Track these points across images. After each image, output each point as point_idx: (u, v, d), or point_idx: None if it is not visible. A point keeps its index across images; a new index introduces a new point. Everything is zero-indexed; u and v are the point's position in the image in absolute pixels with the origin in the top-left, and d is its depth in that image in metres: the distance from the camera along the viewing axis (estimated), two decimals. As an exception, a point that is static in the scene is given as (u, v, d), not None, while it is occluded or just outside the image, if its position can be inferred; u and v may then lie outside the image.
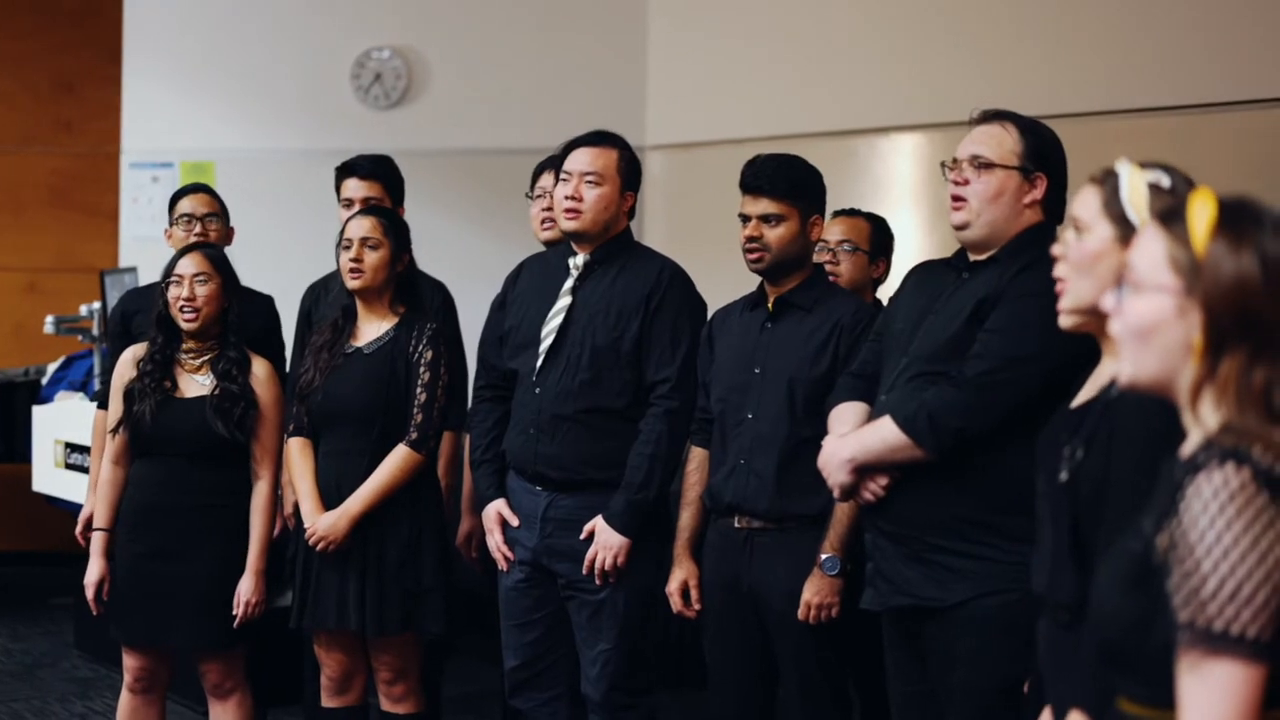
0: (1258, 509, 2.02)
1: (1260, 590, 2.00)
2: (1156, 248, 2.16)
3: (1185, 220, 2.14)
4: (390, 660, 4.78)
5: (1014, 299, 3.63)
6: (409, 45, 7.72)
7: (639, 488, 4.50)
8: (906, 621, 3.79)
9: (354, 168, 5.34)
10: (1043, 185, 3.74)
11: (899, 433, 3.69)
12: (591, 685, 4.61)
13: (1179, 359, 2.13)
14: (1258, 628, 2.00)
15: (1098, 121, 5.94)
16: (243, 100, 7.73)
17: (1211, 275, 2.09)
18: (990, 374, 3.62)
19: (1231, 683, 2.01)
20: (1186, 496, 2.05)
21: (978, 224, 3.74)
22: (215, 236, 5.36)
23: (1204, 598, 2.01)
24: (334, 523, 4.66)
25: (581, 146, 4.64)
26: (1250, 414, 2.07)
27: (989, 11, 6.42)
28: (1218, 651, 2.01)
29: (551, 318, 4.61)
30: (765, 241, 4.31)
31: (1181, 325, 2.12)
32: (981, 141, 3.76)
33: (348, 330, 4.81)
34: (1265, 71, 5.48)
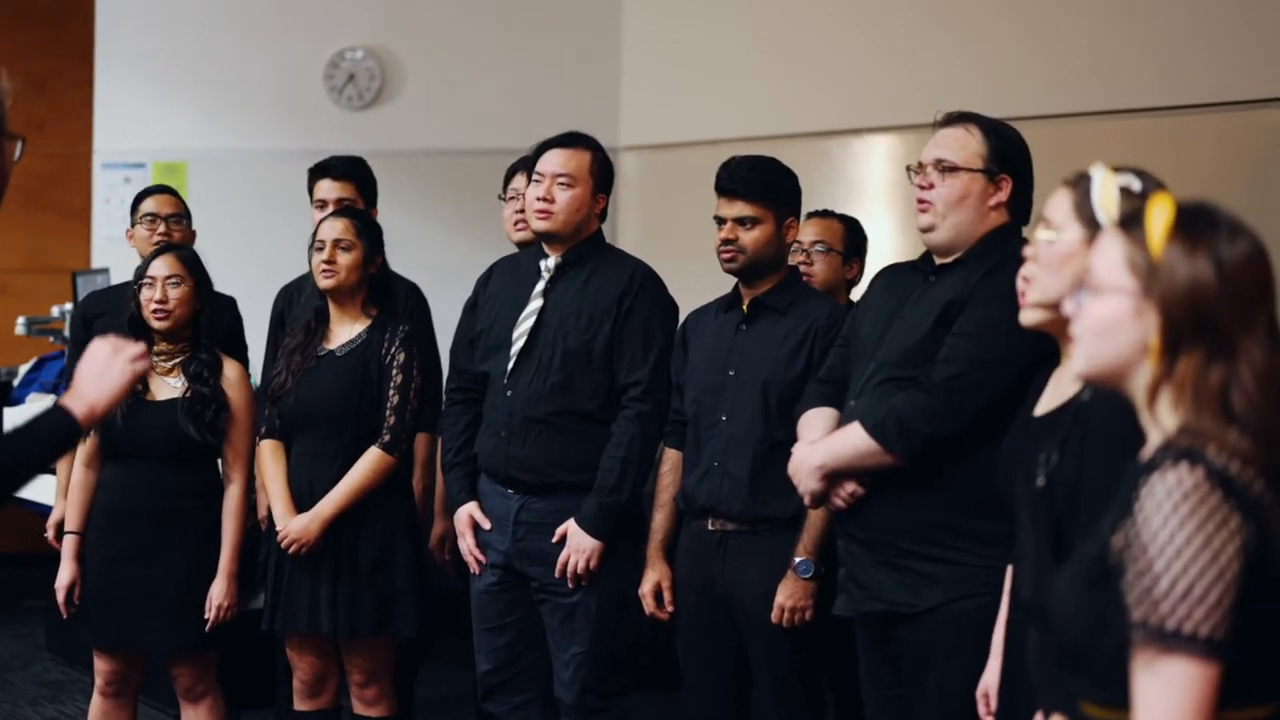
0: (1210, 508, 2.03)
1: (1212, 589, 2.01)
2: (1115, 251, 2.18)
3: (1143, 224, 2.16)
4: (363, 663, 4.77)
5: (980, 302, 3.63)
6: (382, 46, 7.70)
7: (611, 491, 4.49)
8: (879, 627, 3.79)
9: (327, 169, 5.32)
10: (1008, 187, 3.74)
11: (868, 439, 3.68)
12: (564, 688, 4.60)
13: (1135, 359, 2.15)
14: (1210, 626, 2.01)
15: (1073, 123, 5.95)
16: (216, 101, 7.70)
17: (1167, 278, 2.11)
18: (958, 378, 3.62)
19: (1185, 681, 2.02)
20: (1141, 497, 2.07)
21: (943, 227, 3.74)
22: (179, 237, 5.35)
23: (1156, 597, 2.02)
24: (306, 525, 4.65)
25: (554, 148, 4.64)
26: (1206, 414, 2.09)
27: (964, 13, 6.43)
28: (1171, 650, 2.02)
29: (523, 320, 4.61)
30: (741, 244, 4.31)
31: (1138, 326, 2.14)
32: (945, 145, 3.75)
33: (320, 332, 4.80)
34: (1246, 73, 5.49)
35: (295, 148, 7.18)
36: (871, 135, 6.74)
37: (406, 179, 7.29)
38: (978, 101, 5.06)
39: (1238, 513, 2.04)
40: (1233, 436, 2.07)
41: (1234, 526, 2.04)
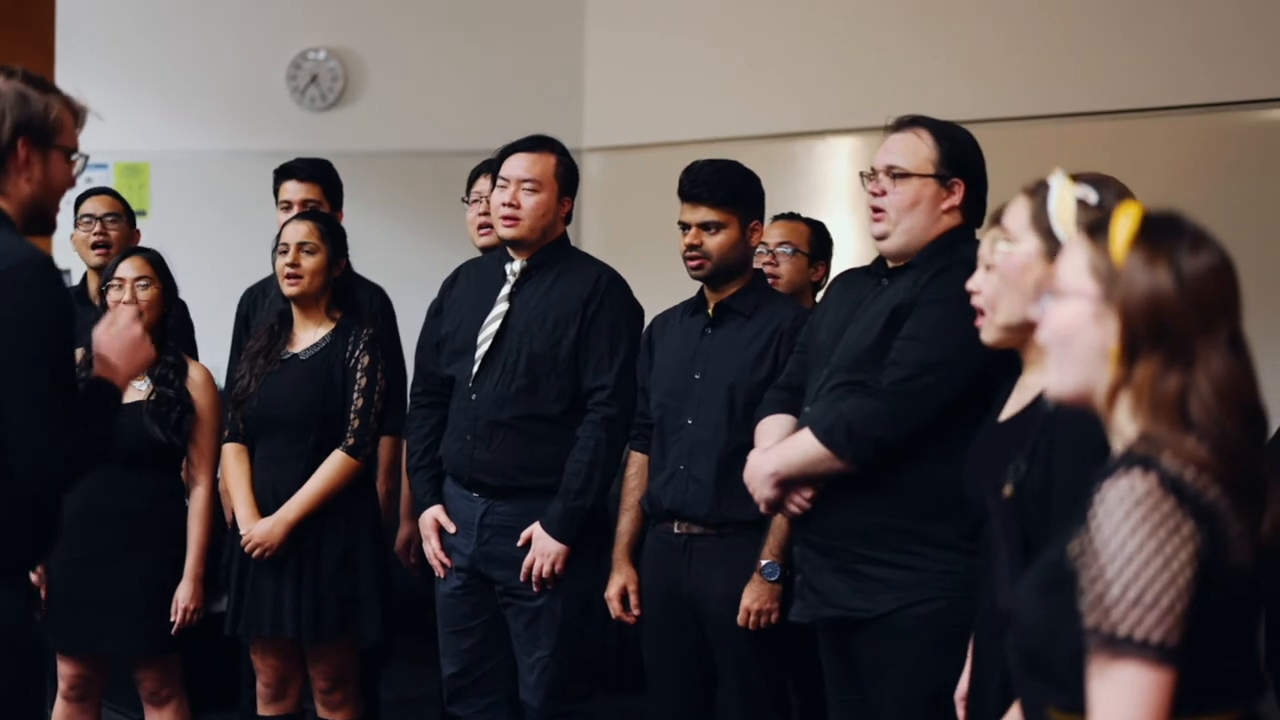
0: (1163, 514, 2.05)
1: (1163, 595, 2.03)
2: (1079, 256, 2.19)
3: (1108, 231, 2.17)
4: (327, 667, 4.77)
5: (928, 305, 3.63)
6: (345, 47, 7.68)
7: (576, 494, 4.49)
8: (837, 632, 3.80)
9: (292, 170, 5.32)
10: (960, 190, 3.74)
11: (818, 445, 3.68)
12: (529, 692, 4.60)
13: (1097, 365, 2.16)
14: (1162, 632, 2.03)
15: (1032, 126, 5.98)
16: (178, 101, 7.67)
17: (1127, 283, 2.13)
18: (906, 381, 3.62)
19: (1136, 686, 2.03)
20: (1094, 503, 2.08)
21: (896, 233, 3.74)
22: (115, 237, 5.37)
23: (1108, 603, 2.03)
24: (270, 529, 4.64)
25: (518, 152, 4.63)
26: (1163, 421, 2.10)
27: (929, 15, 6.45)
28: (1122, 655, 2.03)
29: (488, 324, 4.60)
30: (706, 249, 4.32)
31: (1099, 331, 2.15)
32: (896, 151, 3.75)
33: (284, 336, 4.79)
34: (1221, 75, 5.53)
35: (258, 148, 7.16)
36: (835, 137, 6.76)
37: (370, 180, 7.27)
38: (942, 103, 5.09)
39: (1190, 519, 2.05)
40: (1189, 443, 2.08)
41: (1186, 533, 2.05)
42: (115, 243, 5.34)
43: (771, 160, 6.55)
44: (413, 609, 5.13)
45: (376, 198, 7.39)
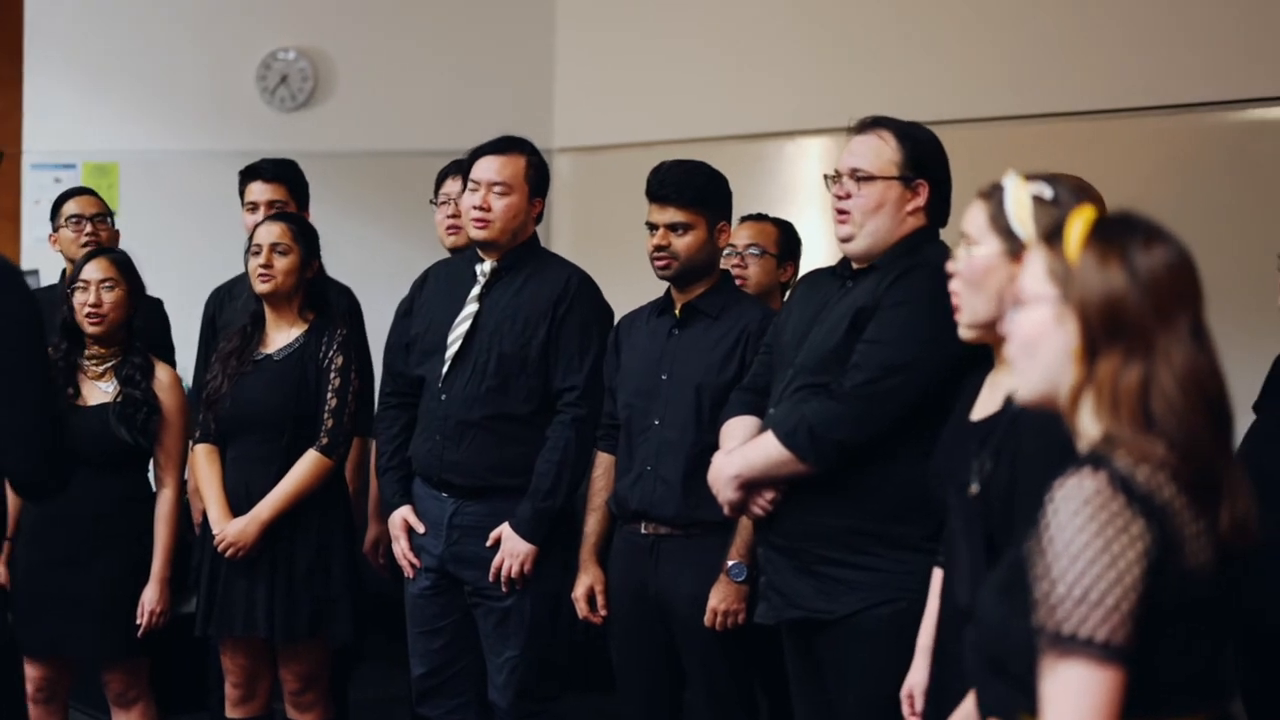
0: (1110, 513, 2.05)
1: (1109, 593, 2.03)
2: (1038, 263, 2.21)
3: (1063, 234, 2.19)
4: (298, 668, 4.76)
5: (890, 307, 3.63)
6: (315, 47, 7.66)
7: (546, 495, 4.49)
8: (801, 633, 3.80)
9: (258, 171, 5.31)
10: (924, 191, 3.74)
11: (781, 448, 3.68)
12: (499, 692, 4.60)
13: (1061, 367, 2.17)
14: (1108, 630, 2.03)
15: (1004, 127, 6.00)
16: (147, 101, 7.64)
17: (1081, 282, 2.14)
18: (869, 384, 3.62)
19: (1084, 684, 2.03)
20: (1045, 502, 2.09)
21: (861, 235, 3.74)
22: (105, 238, 5.35)
23: (1054, 601, 2.04)
24: (243, 529, 4.63)
25: (488, 154, 4.62)
26: (1124, 418, 2.11)
27: (897, 17, 6.46)
28: (1068, 654, 2.04)
29: (458, 324, 4.60)
30: (673, 250, 4.32)
31: (1060, 333, 2.16)
32: (860, 153, 3.75)
33: (257, 337, 4.78)
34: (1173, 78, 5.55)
35: (227, 149, 7.13)
36: (805, 138, 6.76)
37: (339, 180, 7.26)
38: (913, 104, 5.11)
39: (1140, 518, 2.06)
40: (1146, 441, 2.09)
41: (1135, 532, 2.05)
42: (105, 243, 5.31)
43: (742, 161, 6.56)
44: (382, 609, 5.13)
45: (347, 198, 7.38)
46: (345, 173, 7.46)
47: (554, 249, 7.21)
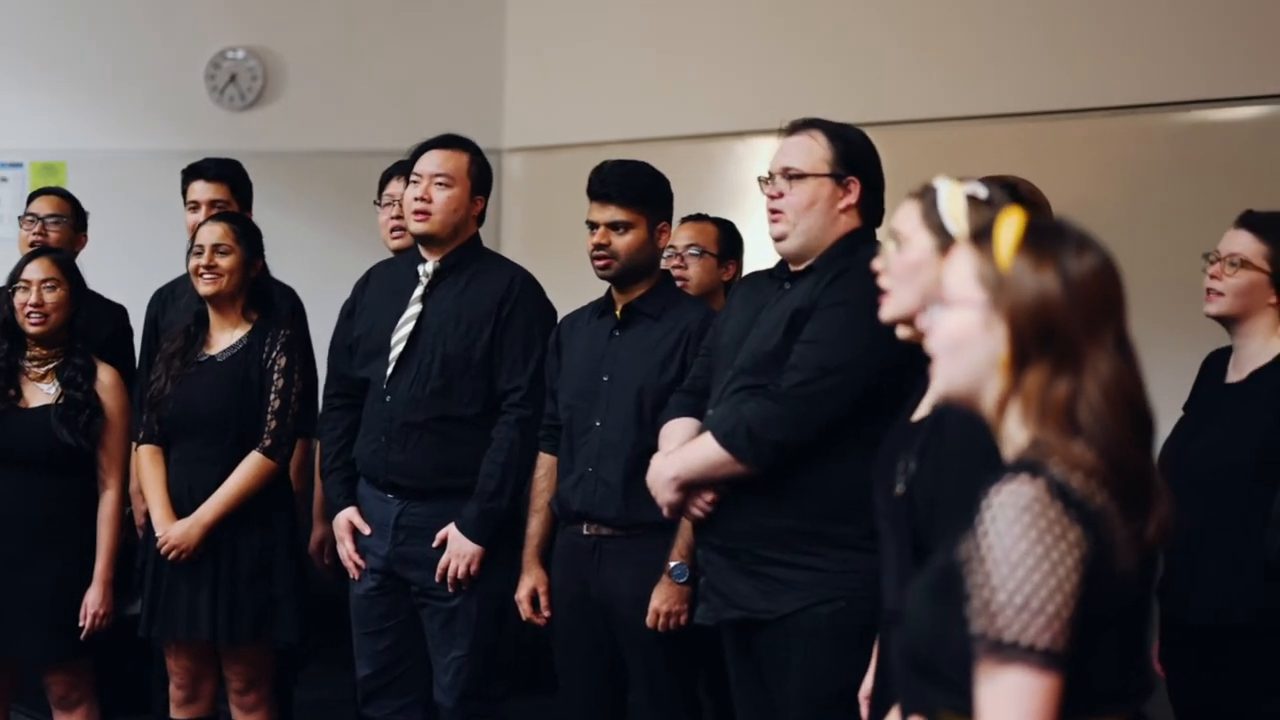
0: (1049, 520, 2.05)
1: (1050, 600, 2.03)
2: (965, 264, 2.20)
3: (992, 237, 2.18)
4: (242, 670, 4.74)
5: (827, 308, 3.65)
6: (264, 46, 7.63)
7: (491, 496, 4.49)
8: (741, 633, 3.80)
9: (200, 170, 5.29)
10: (856, 189, 3.75)
11: (719, 449, 3.68)
12: (444, 693, 4.60)
13: (986, 372, 2.17)
14: (1049, 637, 2.03)
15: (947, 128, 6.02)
16: (95, 100, 7.59)
17: (1014, 290, 2.13)
18: (806, 385, 3.63)
19: (1023, 691, 2.03)
20: (982, 509, 2.09)
21: (795, 234, 3.76)
22: (55, 239, 5.33)
23: (994, 609, 2.04)
24: (186, 531, 4.61)
25: (432, 149, 4.64)
26: (1051, 427, 2.11)
27: (847, 17, 6.47)
28: (1009, 661, 2.04)
29: (401, 325, 4.60)
30: (613, 249, 4.33)
31: (988, 339, 2.16)
32: (791, 153, 3.77)
33: (200, 337, 4.77)
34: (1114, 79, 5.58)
35: (176, 148, 7.08)
36: (754, 138, 6.76)
37: (289, 180, 7.24)
38: (855, 106, 5.13)
39: (1078, 525, 2.06)
40: (1077, 449, 2.09)
41: (1073, 539, 2.05)
42: (55, 244, 5.27)
43: (692, 161, 6.58)
44: (328, 611, 5.11)
45: (296, 197, 7.35)
46: (296, 172, 7.44)
47: (504, 249, 7.26)
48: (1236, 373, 3.84)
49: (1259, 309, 3.77)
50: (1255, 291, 3.76)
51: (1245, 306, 3.78)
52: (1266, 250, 3.75)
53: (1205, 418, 3.83)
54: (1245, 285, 3.77)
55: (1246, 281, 3.77)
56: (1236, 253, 3.78)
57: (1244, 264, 3.76)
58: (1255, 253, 3.77)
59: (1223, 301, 3.81)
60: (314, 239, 7.39)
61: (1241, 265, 3.76)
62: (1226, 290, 3.79)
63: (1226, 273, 3.79)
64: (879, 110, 5.48)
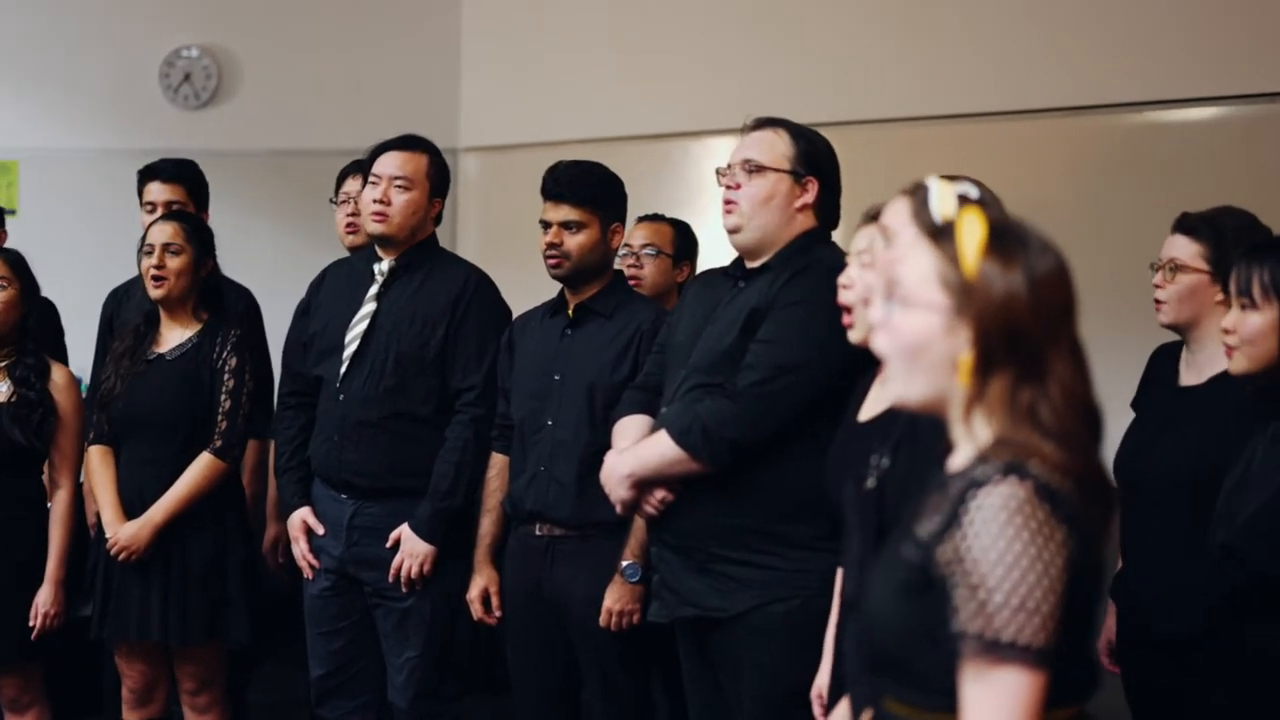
0: (1039, 522, 2.07)
1: (1044, 601, 2.05)
2: (926, 264, 2.19)
3: (954, 239, 2.18)
4: (194, 671, 4.72)
5: (783, 308, 3.66)
6: (219, 44, 7.61)
7: (445, 495, 4.49)
8: (695, 631, 3.81)
9: (156, 171, 5.27)
10: (814, 189, 3.77)
11: (674, 447, 3.69)
12: (398, 693, 4.60)
13: (946, 376, 2.17)
14: (1043, 636, 2.06)
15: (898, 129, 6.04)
16: (48, 98, 7.56)
17: (983, 295, 2.13)
18: (761, 384, 3.64)
19: (1017, 689, 2.06)
20: (970, 510, 2.09)
21: (749, 227, 3.77)
22: None
23: (990, 610, 2.06)
24: (136, 532, 4.59)
25: (391, 150, 4.63)
26: (1021, 428, 2.12)
27: (798, 19, 6.49)
28: (1004, 660, 2.06)
29: (356, 324, 4.59)
30: (565, 249, 4.33)
31: (949, 343, 2.16)
32: (753, 146, 3.79)
33: (150, 337, 4.75)
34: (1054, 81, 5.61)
35: (130, 147, 7.07)
36: (710, 138, 6.78)
37: (244, 179, 7.22)
38: (812, 105, 5.14)
39: (1064, 525, 2.08)
40: (1049, 448, 2.11)
41: (1061, 539, 2.07)
42: None
43: (648, 161, 6.59)
44: (281, 611, 5.10)
45: (250, 197, 7.34)
46: (250, 172, 7.42)
47: (461, 248, 7.26)
48: (1194, 376, 3.83)
49: (1208, 310, 3.76)
50: (1199, 294, 3.76)
51: (1193, 311, 3.78)
52: (1202, 249, 3.75)
53: (1164, 422, 3.81)
54: (1186, 290, 3.77)
55: (1187, 286, 3.77)
56: (1173, 258, 3.78)
57: (1180, 268, 3.76)
58: (1191, 254, 3.76)
59: (1168, 309, 3.81)
60: (269, 238, 7.37)
61: (1178, 270, 3.77)
62: (1169, 298, 3.79)
63: (1167, 280, 3.80)
64: (831, 111, 5.49)
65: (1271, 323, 3.11)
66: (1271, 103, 5.19)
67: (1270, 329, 3.11)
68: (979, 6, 5.93)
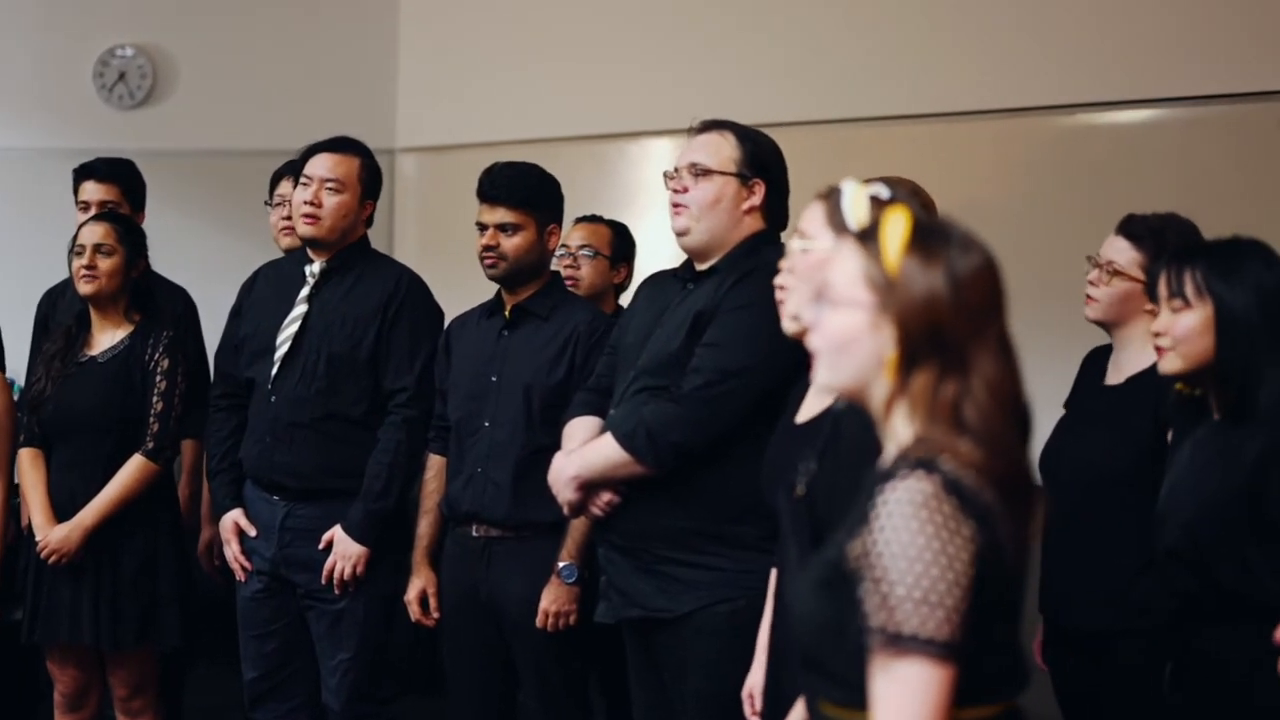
0: (945, 516, 2.08)
1: (947, 595, 2.06)
2: (852, 264, 2.21)
3: (879, 238, 2.19)
4: (126, 675, 4.70)
5: (729, 311, 3.67)
6: (154, 43, 7.55)
7: (377, 497, 4.47)
8: (642, 631, 3.81)
9: (92, 170, 5.24)
10: (761, 191, 3.78)
11: (619, 449, 3.70)
12: (332, 695, 4.58)
13: (872, 372, 2.19)
14: (947, 630, 2.07)
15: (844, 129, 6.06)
16: (-19, 97, 7.51)
17: (903, 292, 2.15)
18: (707, 387, 3.65)
19: (920, 682, 2.07)
20: (877, 505, 2.11)
21: (697, 230, 3.78)
22: None
23: (893, 602, 2.07)
24: (66, 535, 4.56)
25: (322, 152, 4.62)
26: (940, 426, 2.14)
27: (735, 19, 6.50)
28: (907, 652, 2.07)
29: (287, 325, 4.57)
30: (502, 250, 4.33)
31: (875, 340, 2.18)
32: (700, 149, 3.80)
33: (81, 338, 4.72)
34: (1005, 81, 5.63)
35: (64, 146, 7.01)
36: (648, 139, 6.78)
37: (179, 180, 7.17)
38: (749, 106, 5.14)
39: (971, 520, 2.09)
40: (965, 446, 2.12)
41: (967, 534, 2.08)
42: None
43: (586, 161, 6.58)
44: (216, 613, 5.07)
45: (186, 197, 7.29)
46: (186, 172, 7.37)
47: (397, 249, 7.24)
48: (1116, 375, 3.89)
49: (1134, 315, 3.82)
50: (1130, 300, 3.82)
51: (1120, 313, 3.84)
52: (1141, 259, 3.80)
53: (1086, 420, 3.88)
54: (1119, 294, 3.83)
55: (1121, 291, 3.82)
56: (1112, 261, 3.83)
57: (1118, 273, 3.82)
58: (1130, 261, 3.81)
59: (1098, 308, 3.87)
60: (205, 239, 7.32)
61: (1115, 274, 3.82)
62: (1101, 298, 3.85)
63: (1102, 280, 3.84)
64: (770, 112, 5.49)
65: (1206, 321, 3.14)
66: (1201, 105, 5.24)
67: (1205, 327, 3.14)
68: (911, 10, 5.96)
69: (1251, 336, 3.10)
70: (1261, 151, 5.07)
